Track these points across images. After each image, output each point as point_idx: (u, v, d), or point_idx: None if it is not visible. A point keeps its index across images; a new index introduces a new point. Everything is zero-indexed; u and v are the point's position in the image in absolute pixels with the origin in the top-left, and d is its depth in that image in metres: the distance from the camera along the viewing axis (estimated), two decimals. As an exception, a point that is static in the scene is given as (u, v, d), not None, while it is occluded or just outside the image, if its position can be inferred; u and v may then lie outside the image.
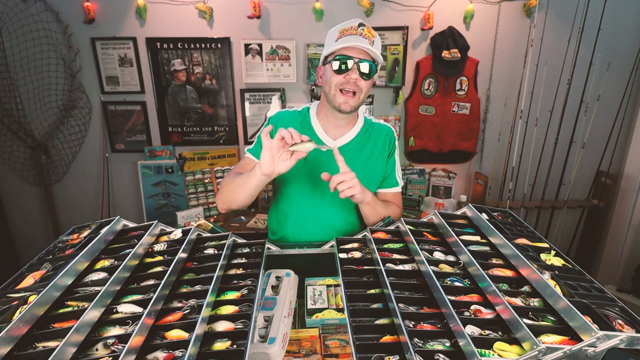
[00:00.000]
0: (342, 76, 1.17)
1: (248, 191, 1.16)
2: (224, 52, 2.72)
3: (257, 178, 1.09)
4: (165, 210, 2.88)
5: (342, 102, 1.19)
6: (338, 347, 0.90)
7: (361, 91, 1.19)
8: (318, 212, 1.34)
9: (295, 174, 1.30)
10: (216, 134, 2.94)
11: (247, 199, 1.20)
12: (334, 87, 1.19)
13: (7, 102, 2.70)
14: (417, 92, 2.79)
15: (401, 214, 1.41)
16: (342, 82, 1.17)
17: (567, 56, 2.55)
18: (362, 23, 1.18)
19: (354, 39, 1.15)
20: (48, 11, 2.57)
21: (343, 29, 1.18)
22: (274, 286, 1.03)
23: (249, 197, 1.19)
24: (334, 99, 1.21)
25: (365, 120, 1.37)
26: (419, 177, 2.95)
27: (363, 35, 1.16)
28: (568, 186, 2.76)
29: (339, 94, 1.19)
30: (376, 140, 1.35)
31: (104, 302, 0.72)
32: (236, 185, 1.19)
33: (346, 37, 1.16)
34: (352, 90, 1.18)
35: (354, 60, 1.15)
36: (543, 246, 0.90)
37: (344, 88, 1.18)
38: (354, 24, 1.18)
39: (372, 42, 1.17)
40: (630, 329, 0.63)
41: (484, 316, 0.73)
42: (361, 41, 1.14)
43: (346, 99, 1.19)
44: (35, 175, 2.94)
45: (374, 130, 1.36)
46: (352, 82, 1.16)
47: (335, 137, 1.31)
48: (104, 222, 1.00)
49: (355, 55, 1.16)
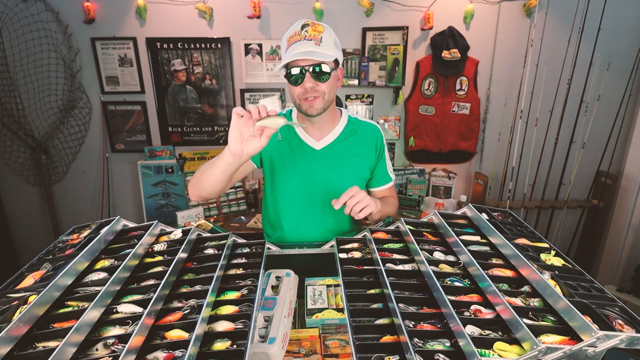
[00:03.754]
0: (299, 87, 1.15)
1: (216, 175, 1.07)
2: (224, 52, 2.72)
3: (225, 159, 1.01)
4: (165, 210, 2.88)
5: (307, 107, 1.18)
6: (338, 347, 0.90)
7: (324, 93, 1.17)
8: (312, 213, 1.34)
9: (287, 176, 1.31)
10: (216, 134, 2.94)
11: (215, 184, 1.11)
12: (297, 98, 1.18)
13: (7, 102, 2.70)
14: (417, 92, 2.79)
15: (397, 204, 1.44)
16: (302, 92, 1.16)
17: (567, 56, 2.55)
18: (306, 23, 1.13)
19: (299, 45, 1.11)
20: (48, 11, 2.58)
21: (289, 37, 1.15)
22: (274, 286, 1.03)
23: (218, 181, 1.10)
24: (299, 107, 1.20)
25: (350, 119, 1.35)
26: (419, 177, 2.95)
27: (307, 37, 1.11)
28: (568, 186, 2.76)
29: (303, 101, 1.18)
30: (362, 139, 1.34)
31: (104, 302, 0.72)
32: (205, 168, 1.12)
33: (293, 46, 1.12)
34: (314, 96, 1.16)
35: (305, 69, 1.12)
36: (543, 246, 0.90)
37: (305, 97, 1.16)
38: (297, 28, 1.13)
39: (319, 40, 1.12)
40: (630, 329, 0.63)
41: (484, 316, 0.73)
42: (306, 46, 1.10)
43: (310, 104, 1.17)
44: (35, 175, 2.94)
45: (360, 129, 1.35)
46: (310, 89, 1.14)
47: (318, 138, 1.30)
48: (104, 222, 1.00)
49: (303, 63, 1.12)
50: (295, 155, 1.29)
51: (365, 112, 2.88)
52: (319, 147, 1.30)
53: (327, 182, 1.30)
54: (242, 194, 2.93)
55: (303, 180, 1.30)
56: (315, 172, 1.30)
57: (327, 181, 1.30)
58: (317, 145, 1.30)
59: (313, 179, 1.30)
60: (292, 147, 1.29)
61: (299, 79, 1.14)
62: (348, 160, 1.31)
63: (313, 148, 1.29)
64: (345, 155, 1.31)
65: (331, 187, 1.30)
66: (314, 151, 1.29)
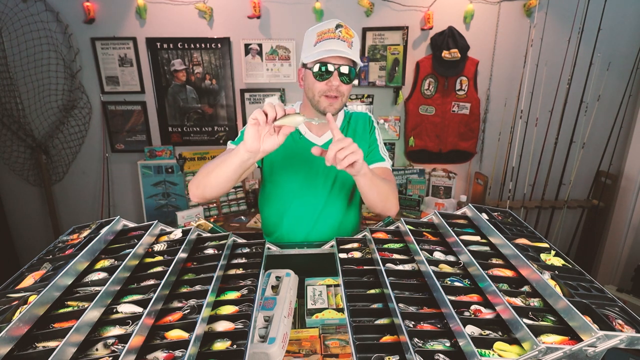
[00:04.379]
0: (324, 83, 1.16)
1: (228, 173, 1.03)
2: (224, 52, 2.72)
3: (240, 156, 0.96)
4: (165, 210, 2.88)
5: (326, 105, 1.19)
6: (338, 347, 0.90)
7: (343, 95, 1.18)
8: (314, 212, 1.34)
9: (289, 171, 1.31)
10: (216, 134, 2.94)
11: (225, 183, 1.07)
12: (317, 94, 1.18)
13: (7, 102, 2.70)
14: (417, 92, 2.79)
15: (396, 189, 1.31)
16: (325, 89, 1.16)
17: (567, 56, 2.55)
18: (340, 24, 1.15)
19: (333, 43, 1.12)
20: (48, 11, 2.58)
21: (321, 32, 1.15)
22: (274, 286, 1.03)
23: (227, 180, 1.06)
24: (318, 104, 1.20)
25: (346, 113, 1.39)
26: (419, 177, 2.95)
27: (341, 37, 1.13)
28: (568, 186, 2.76)
29: (324, 98, 1.18)
30: (356, 127, 1.36)
31: (104, 302, 0.72)
32: (215, 166, 1.07)
33: (324, 42, 1.13)
34: (335, 95, 1.17)
35: (335, 67, 1.13)
36: (543, 246, 0.90)
37: (327, 94, 1.17)
38: (331, 26, 1.14)
39: (350, 43, 1.15)
40: (630, 329, 0.63)
41: (484, 316, 0.73)
42: (340, 45, 1.12)
43: (330, 102, 1.18)
44: (35, 175, 2.94)
45: (352, 118, 1.38)
46: (335, 88, 1.15)
47: (321, 134, 1.32)
48: (104, 222, 1.00)
49: (335, 61, 1.13)
50: (298, 152, 1.29)
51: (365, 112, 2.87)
52: (321, 143, 1.30)
53: (330, 176, 1.31)
54: (242, 194, 2.93)
55: (305, 175, 1.31)
56: (318, 167, 1.30)
57: (329, 175, 1.31)
58: (319, 140, 1.30)
59: (315, 174, 1.30)
60: (294, 142, 1.29)
61: (327, 75, 1.14)
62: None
63: (315, 144, 1.30)
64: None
65: (334, 181, 1.32)
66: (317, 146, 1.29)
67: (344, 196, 1.35)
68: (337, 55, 1.11)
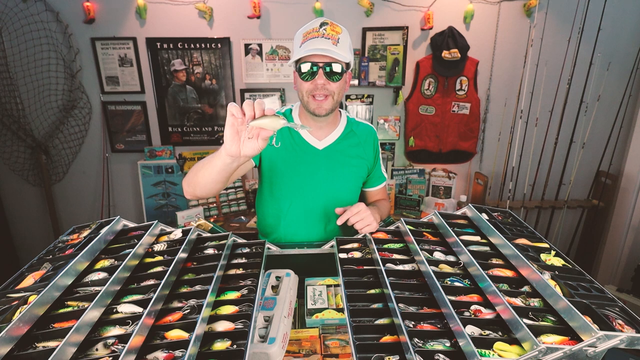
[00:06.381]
0: (310, 82, 1.15)
1: (212, 175, 0.99)
2: (224, 52, 2.72)
3: (222, 159, 0.92)
4: (165, 210, 2.88)
5: (315, 107, 1.18)
6: (338, 347, 0.90)
7: (333, 93, 1.17)
8: (313, 212, 1.34)
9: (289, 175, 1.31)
10: (216, 134, 2.94)
11: (211, 184, 1.03)
12: (305, 94, 1.18)
13: (7, 102, 2.70)
14: (417, 92, 2.79)
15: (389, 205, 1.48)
16: (311, 88, 1.16)
17: (567, 56, 2.55)
18: (325, 22, 1.15)
19: (317, 42, 1.11)
20: (48, 11, 2.57)
21: (306, 32, 1.15)
22: (274, 286, 1.03)
23: (213, 182, 1.02)
24: (307, 105, 1.20)
25: (349, 120, 1.37)
26: (419, 177, 2.95)
27: (326, 35, 1.12)
28: (568, 186, 2.76)
29: (311, 99, 1.18)
30: (361, 141, 1.36)
31: (104, 302, 0.72)
32: (202, 165, 1.04)
33: (309, 41, 1.12)
34: (324, 94, 1.16)
35: (319, 65, 1.13)
36: (543, 246, 0.90)
37: (314, 94, 1.17)
38: (315, 25, 1.14)
39: (336, 40, 1.13)
40: (630, 329, 0.63)
41: (484, 316, 0.73)
42: (323, 43, 1.11)
43: (319, 103, 1.18)
44: (35, 175, 2.94)
45: (359, 130, 1.36)
46: (321, 87, 1.15)
47: (320, 138, 1.31)
48: (104, 222, 1.00)
49: (319, 59, 1.12)
50: (298, 155, 1.29)
51: (365, 112, 2.88)
52: (321, 147, 1.30)
53: (329, 182, 1.31)
54: (242, 194, 2.93)
55: (305, 180, 1.30)
56: (317, 172, 1.30)
57: (328, 181, 1.31)
58: (319, 145, 1.30)
59: (315, 178, 1.30)
60: (294, 146, 1.29)
61: (311, 75, 1.14)
62: (349, 160, 1.33)
63: (315, 148, 1.30)
64: (346, 155, 1.32)
65: (332, 187, 1.31)
66: (317, 151, 1.29)
67: (343, 198, 1.35)
68: (320, 53, 1.10)
